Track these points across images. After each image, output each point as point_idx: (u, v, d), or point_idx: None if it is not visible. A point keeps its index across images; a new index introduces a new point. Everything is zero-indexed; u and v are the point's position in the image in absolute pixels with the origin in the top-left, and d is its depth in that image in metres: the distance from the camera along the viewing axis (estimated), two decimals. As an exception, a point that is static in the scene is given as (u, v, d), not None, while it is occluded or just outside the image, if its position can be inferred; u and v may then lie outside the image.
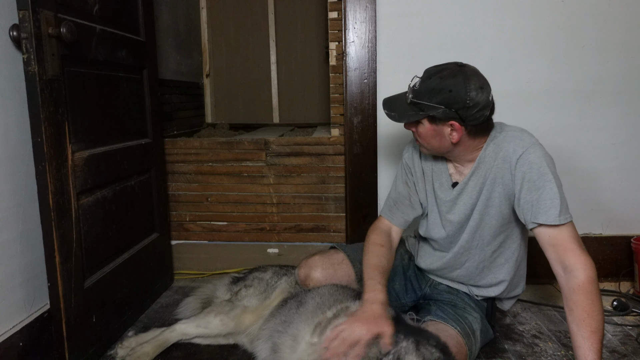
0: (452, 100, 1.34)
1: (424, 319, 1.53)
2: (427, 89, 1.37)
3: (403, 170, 1.67)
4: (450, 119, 1.36)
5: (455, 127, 1.38)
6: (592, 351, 1.22)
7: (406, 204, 1.65)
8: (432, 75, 1.38)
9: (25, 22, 1.28)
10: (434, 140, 1.43)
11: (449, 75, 1.35)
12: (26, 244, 1.49)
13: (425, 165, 1.61)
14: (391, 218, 1.65)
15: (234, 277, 1.84)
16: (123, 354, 1.57)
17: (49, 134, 1.35)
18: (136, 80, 1.95)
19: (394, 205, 1.66)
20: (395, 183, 1.71)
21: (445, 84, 1.35)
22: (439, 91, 1.35)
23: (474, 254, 1.54)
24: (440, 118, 1.37)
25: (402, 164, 1.68)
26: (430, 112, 1.37)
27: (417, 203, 1.65)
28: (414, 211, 1.65)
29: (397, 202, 1.66)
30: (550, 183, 1.33)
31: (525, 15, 2.04)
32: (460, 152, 1.46)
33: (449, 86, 1.34)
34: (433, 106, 1.36)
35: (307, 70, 3.73)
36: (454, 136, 1.40)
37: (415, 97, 1.39)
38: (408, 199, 1.65)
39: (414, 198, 1.64)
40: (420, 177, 1.63)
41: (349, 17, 2.08)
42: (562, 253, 1.30)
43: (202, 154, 2.34)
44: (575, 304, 1.26)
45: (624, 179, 2.13)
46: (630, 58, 2.06)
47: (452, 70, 1.37)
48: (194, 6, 3.49)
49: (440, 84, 1.35)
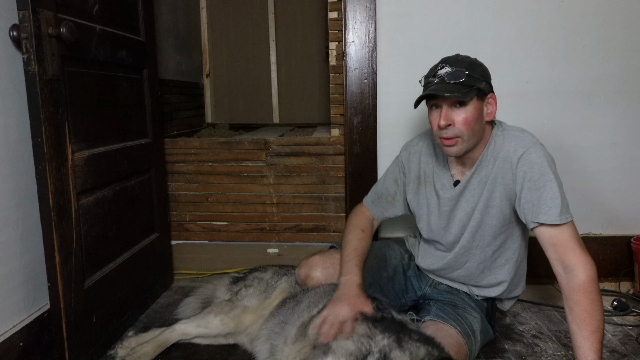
0: (486, 73, 1.43)
1: (424, 318, 1.53)
2: (468, 65, 1.39)
3: (397, 168, 1.69)
4: (490, 91, 1.43)
5: (492, 100, 1.43)
6: (592, 351, 1.22)
7: (389, 201, 1.68)
8: (456, 59, 1.42)
9: (25, 22, 1.28)
10: (477, 124, 1.39)
11: (467, 56, 1.45)
12: (26, 244, 1.49)
13: (426, 169, 1.61)
14: (372, 209, 1.71)
15: (234, 277, 1.84)
16: (123, 354, 1.57)
17: (49, 134, 1.35)
18: (136, 80, 1.95)
19: (377, 198, 1.71)
20: (384, 177, 1.73)
21: (474, 61, 1.43)
22: (476, 66, 1.41)
23: (475, 254, 1.54)
24: (484, 92, 1.40)
25: (398, 162, 1.69)
26: (479, 85, 1.38)
27: (400, 203, 1.68)
28: (394, 210, 1.69)
29: (380, 196, 1.70)
30: (551, 183, 1.34)
31: (525, 15, 2.05)
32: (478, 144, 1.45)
33: (477, 62, 1.43)
34: (478, 80, 1.38)
35: (307, 70, 3.73)
36: (491, 112, 1.43)
37: (464, 73, 1.36)
38: (392, 196, 1.68)
39: (398, 197, 1.67)
40: (414, 180, 1.63)
41: (349, 17, 2.08)
42: (562, 253, 1.30)
43: (202, 154, 2.34)
44: (576, 304, 1.26)
45: (624, 179, 2.13)
46: (630, 58, 2.06)
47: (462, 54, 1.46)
48: (194, 6, 3.49)
49: (471, 60, 1.42)
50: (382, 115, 2.14)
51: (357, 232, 1.62)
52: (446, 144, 1.41)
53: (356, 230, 1.62)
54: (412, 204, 1.66)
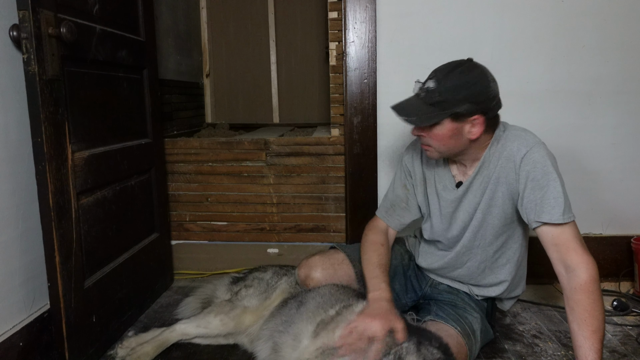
0: (477, 93, 1.33)
1: (424, 319, 1.53)
2: (451, 86, 1.33)
3: (403, 173, 1.67)
4: (474, 113, 1.34)
5: (478, 122, 1.36)
6: (593, 351, 1.22)
7: (403, 207, 1.65)
8: (448, 73, 1.35)
9: (25, 22, 1.28)
10: (451, 140, 1.38)
11: (468, 70, 1.35)
12: (26, 244, 1.49)
13: (426, 170, 1.60)
14: (387, 220, 1.65)
15: (234, 277, 1.84)
16: (123, 354, 1.57)
17: (49, 134, 1.35)
18: (136, 80, 1.95)
19: (390, 207, 1.66)
20: (393, 184, 1.70)
21: (468, 79, 1.33)
22: (464, 86, 1.33)
23: (476, 253, 1.54)
24: (464, 114, 1.34)
25: (402, 166, 1.67)
26: (455, 109, 1.33)
27: (414, 206, 1.65)
28: (410, 214, 1.65)
29: (394, 204, 1.66)
30: (555, 182, 1.34)
31: (525, 16, 2.05)
32: (471, 151, 1.43)
33: (472, 80, 1.34)
34: (458, 103, 1.32)
35: (307, 70, 3.73)
36: (473, 132, 1.37)
37: (439, 95, 1.33)
38: (405, 202, 1.64)
39: (411, 201, 1.64)
40: (420, 182, 1.62)
41: (349, 17, 2.08)
42: (564, 252, 1.30)
43: (202, 154, 2.34)
44: (577, 304, 1.26)
45: (624, 179, 2.13)
46: (630, 58, 2.06)
47: (468, 65, 1.36)
48: (194, 6, 3.49)
49: (463, 79, 1.33)
50: (382, 115, 2.14)
51: (377, 247, 1.58)
52: (423, 147, 1.47)
53: (375, 245, 1.58)
54: (422, 206, 1.64)
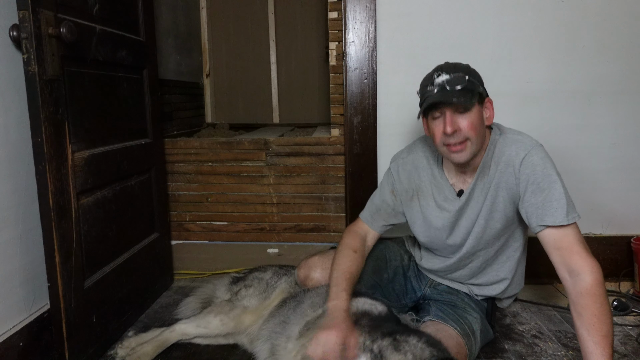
0: (480, 77, 1.42)
1: (424, 319, 1.53)
2: (464, 70, 1.38)
3: (389, 181, 1.64)
4: (487, 95, 1.43)
5: (490, 105, 1.43)
6: (605, 356, 1.18)
7: (389, 212, 1.63)
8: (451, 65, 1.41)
9: (25, 22, 1.28)
10: (481, 128, 1.38)
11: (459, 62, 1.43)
12: (26, 244, 1.49)
13: (421, 183, 1.57)
14: (371, 223, 1.63)
15: (234, 277, 1.84)
16: (123, 354, 1.57)
17: (49, 134, 1.35)
18: (136, 80, 1.95)
19: (376, 211, 1.63)
20: (380, 189, 1.66)
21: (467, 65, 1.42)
22: (473, 70, 1.41)
23: (479, 255, 1.54)
24: (483, 96, 1.41)
25: (389, 175, 1.64)
26: (479, 90, 1.37)
27: (401, 213, 1.63)
28: (396, 219, 1.64)
29: (380, 208, 1.63)
30: (556, 184, 1.33)
31: (526, 15, 2.04)
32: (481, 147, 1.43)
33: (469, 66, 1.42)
34: (478, 86, 1.37)
35: (307, 70, 3.73)
36: (489, 115, 1.43)
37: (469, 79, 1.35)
38: (392, 207, 1.62)
39: (398, 208, 1.62)
40: (405, 193, 1.60)
41: (349, 17, 2.08)
42: (567, 256, 1.28)
43: (202, 154, 2.34)
44: (584, 308, 1.23)
45: (624, 179, 2.13)
46: (630, 58, 2.05)
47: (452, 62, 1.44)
48: (194, 6, 3.49)
49: (465, 65, 1.41)
50: (382, 115, 2.14)
51: (348, 252, 1.52)
52: (454, 150, 1.37)
53: (347, 250, 1.53)
54: (407, 215, 1.62)
